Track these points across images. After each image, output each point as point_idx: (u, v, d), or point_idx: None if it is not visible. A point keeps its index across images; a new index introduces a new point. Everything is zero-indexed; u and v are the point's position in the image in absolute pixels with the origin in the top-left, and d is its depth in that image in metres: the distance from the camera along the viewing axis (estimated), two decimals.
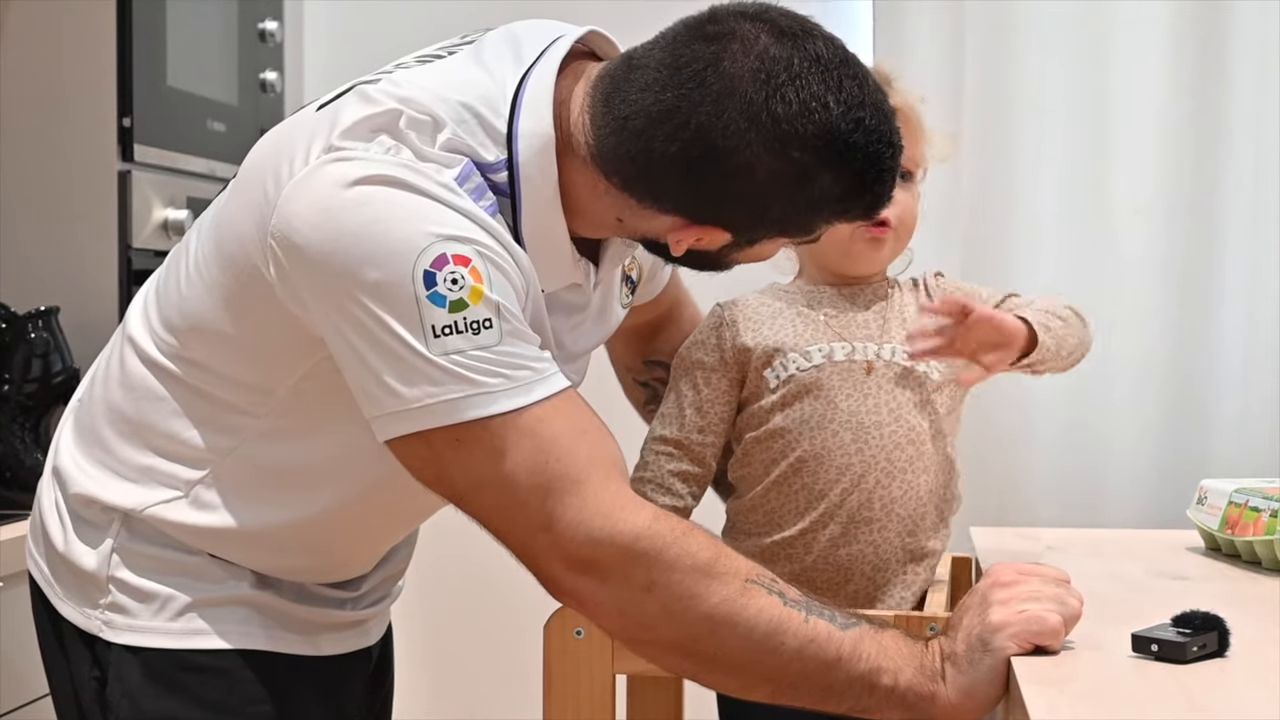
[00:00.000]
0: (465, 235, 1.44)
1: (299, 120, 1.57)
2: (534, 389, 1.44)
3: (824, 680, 1.46)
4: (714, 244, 1.56)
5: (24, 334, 2.47)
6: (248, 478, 1.60)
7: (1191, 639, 1.40)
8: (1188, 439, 3.03)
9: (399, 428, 1.44)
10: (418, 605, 3.34)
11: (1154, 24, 3.03)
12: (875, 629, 1.48)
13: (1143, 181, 3.04)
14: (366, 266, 1.41)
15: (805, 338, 1.85)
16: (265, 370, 1.56)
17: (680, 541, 1.45)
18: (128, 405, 1.63)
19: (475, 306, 1.42)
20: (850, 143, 1.47)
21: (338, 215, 1.43)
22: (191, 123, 2.80)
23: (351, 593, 1.73)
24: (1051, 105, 3.06)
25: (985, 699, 1.45)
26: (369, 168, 1.45)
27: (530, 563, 1.48)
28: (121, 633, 1.62)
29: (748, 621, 1.44)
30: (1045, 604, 1.45)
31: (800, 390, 1.83)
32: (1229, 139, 3.02)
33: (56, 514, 1.67)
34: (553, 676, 1.72)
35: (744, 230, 1.55)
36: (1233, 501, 1.99)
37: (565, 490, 1.44)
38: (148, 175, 2.64)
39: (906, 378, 1.84)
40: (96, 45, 2.58)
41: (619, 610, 1.47)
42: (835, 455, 1.81)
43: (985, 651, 1.44)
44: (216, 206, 1.63)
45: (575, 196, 1.54)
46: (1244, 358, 3.02)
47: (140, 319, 1.66)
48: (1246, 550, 1.96)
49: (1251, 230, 3.01)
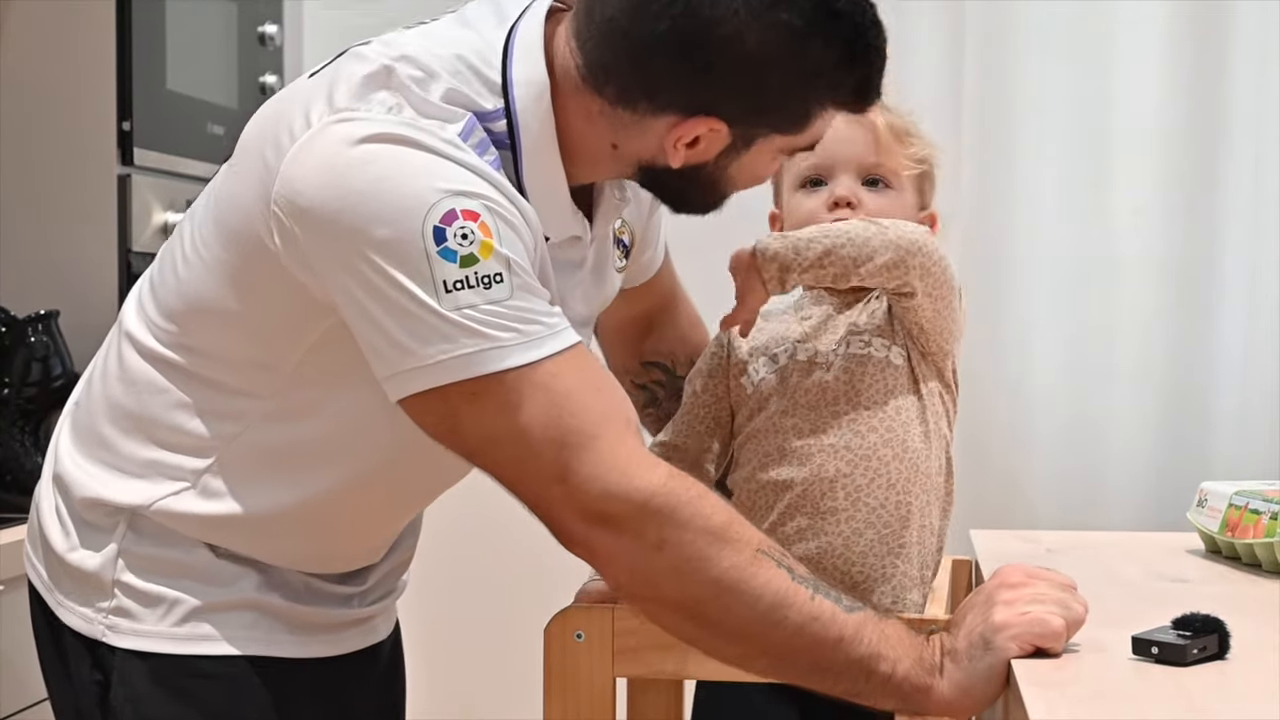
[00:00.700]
0: (473, 190, 1.44)
1: (294, 90, 1.58)
2: (547, 343, 1.45)
3: (822, 659, 1.47)
4: (711, 150, 1.56)
5: (24, 337, 2.48)
6: (255, 462, 1.60)
7: (1192, 641, 1.40)
8: (1188, 441, 3.03)
9: (413, 385, 1.44)
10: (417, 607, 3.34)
11: (1153, 25, 3.03)
12: (878, 617, 1.49)
13: (1142, 182, 3.04)
14: (375, 224, 1.42)
15: (776, 340, 1.85)
16: (270, 345, 1.56)
17: (694, 503, 1.46)
18: (129, 400, 1.63)
19: (486, 261, 1.43)
20: (837, 8, 1.49)
21: (344, 175, 1.43)
22: (191, 126, 2.80)
23: (358, 587, 1.73)
24: (1051, 106, 3.06)
25: (981, 697, 1.45)
26: (372, 126, 1.45)
27: (544, 514, 1.48)
28: (126, 637, 1.61)
29: (754, 591, 1.45)
30: (1049, 607, 1.46)
31: (769, 391, 1.82)
32: (1229, 140, 3.02)
33: (58, 519, 1.66)
34: (553, 679, 1.72)
35: (739, 118, 1.54)
36: (1233, 504, 1.99)
37: (580, 444, 1.44)
38: (147, 179, 2.64)
39: (864, 367, 1.80)
40: (96, 49, 2.58)
41: (629, 565, 1.47)
42: (795, 449, 1.79)
43: (986, 650, 1.45)
44: (213, 187, 1.63)
45: (571, 135, 1.56)
46: (1244, 359, 3.02)
47: (136, 314, 1.66)
48: (1247, 553, 1.96)
49: (1252, 231, 3.01)
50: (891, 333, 1.82)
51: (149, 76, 2.65)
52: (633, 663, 1.71)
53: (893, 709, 1.51)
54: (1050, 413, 3.04)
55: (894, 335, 1.82)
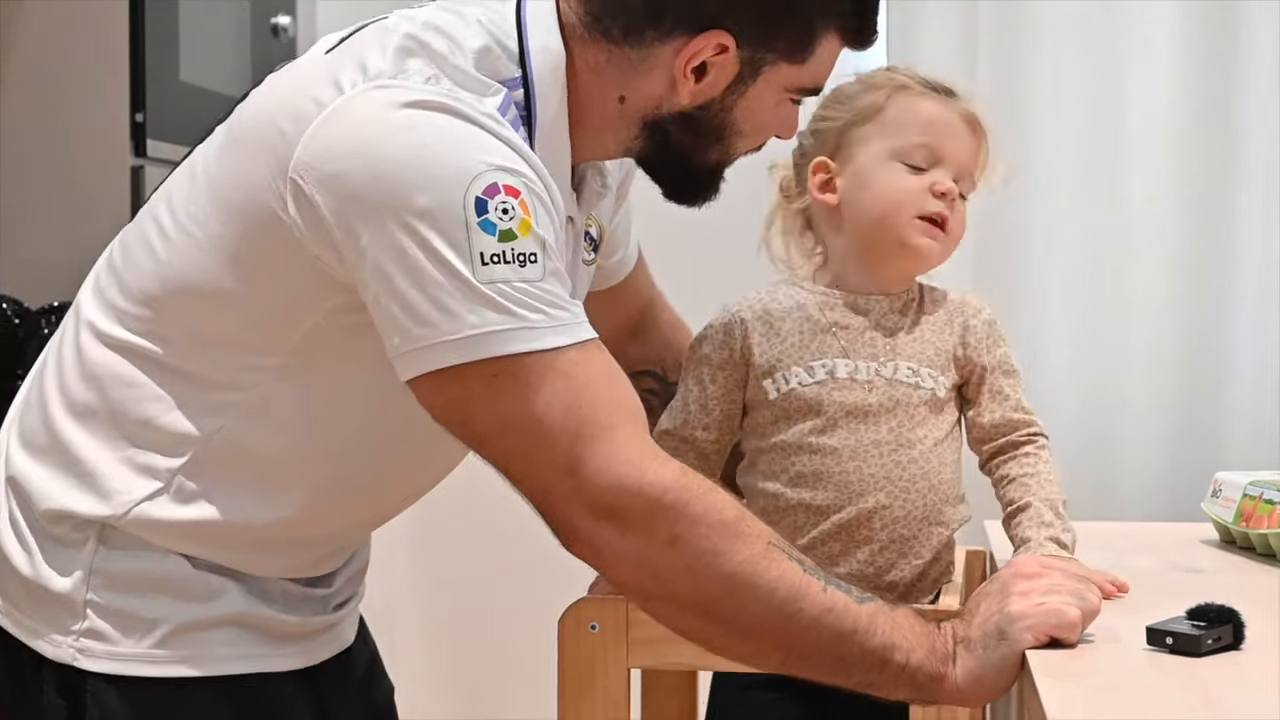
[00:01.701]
0: (515, 168, 1.43)
1: (309, 64, 1.55)
2: (573, 330, 1.43)
3: (837, 651, 1.45)
4: (719, 82, 1.56)
5: (37, 329, 2.48)
6: (234, 460, 1.54)
7: (1206, 632, 1.40)
8: (1201, 431, 3.03)
9: (431, 362, 1.41)
10: (431, 601, 3.35)
11: (1166, 23, 3.03)
12: (889, 606, 1.48)
13: (1155, 179, 3.05)
14: (415, 191, 1.39)
15: (810, 351, 1.81)
16: (264, 329, 1.51)
17: (706, 498, 1.44)
18: (91, 395, 1.55)
19: (524, 239, 1.41)
20: None
21: (383, 140, 1.41)
22: (204, 117, 2.78)
23: (326, 589, 1.68)
24: (1064, 104, 3.06)
25: (993, 686, 1.45)
26: (413, 94, 1.43)
27: (548, 509, 1.45)
28: (100, 661, 1.54)
29: (769, 584, 1.43)
30: (1065, 597, 1.45)
31: (801, 405, 1.79)
32: (1241, 136, 3.03)
33: (14, 532, 1.57)
34: (567, 671, 1.72)
35: (746, 30, 1.54)
36: (1247, 494, 1.98)
37: (595, 436, 1.42)
38: (160, 170, 2.64)
39: (910, 397, 1.79)
40: (109, 40, 2.58)
41: (637, 562, 1.44)
42: (834, 474, 1.78)
43: (1001, 640, 1.44)
44: (199, 165, 1.58)
45: (579, 97, 1.56)
46: (1258, 349, 3.02)
47: (96, 302, 1.59)
48: (1261, 543, 1.95)
49: (1263, 225, 3.02)
50: (942, 364, 1.81)
51: (162, 68, 2.65)
52: (648, 654, 1.70)
53: (906, 699, 1.50)
54: (1063, 404, 3.04)
55: (944, 366, 1.81)
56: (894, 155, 1.81)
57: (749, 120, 1.61)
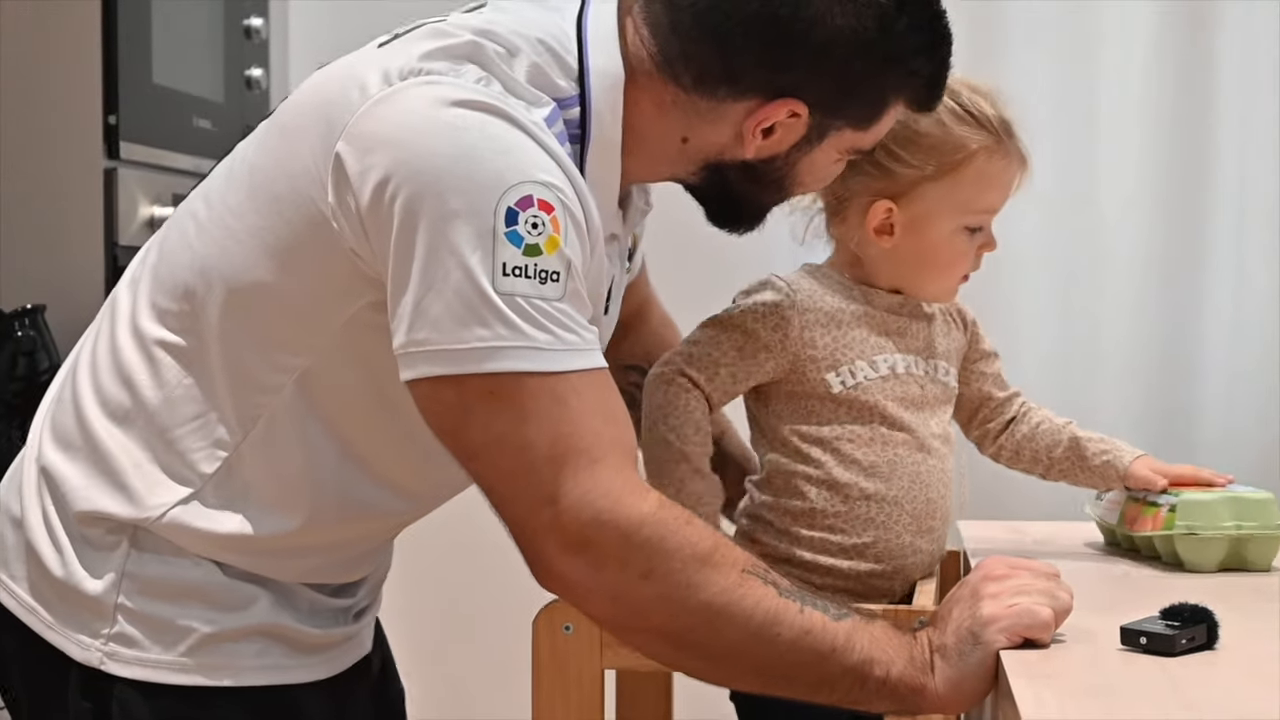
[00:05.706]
0: (553, 182, 1.41)
1: (361, 56, 1.53)
2: (577, 357, 1.42)
3: (818, 672, 1.45)
4: (786, 141, 1.57)
5: (10, 332, 2.47)
6: (270, 462, 1.54)
7: (1180, 632, 1.40)
8: (1173, 433, 3.04)
9: (433, 367, 1.40)
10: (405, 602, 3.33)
11: (1141, 21, 3.04)
12: (866, 620, 1.48)
13: (1130, 179, 3.06)
14: (451, 192, 1.38)
15: (871, 345, 1.83)
16: (299, 324, 1.50)
17: (682, 530, 1.43)
18: (125, 397, 1.55)
19: (549, 256, 1.40)
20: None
21: (430, 135, 1.40)
22: (177, 120, 2.80)
23: (351, 599, 1.69)
24: (1037, 102, 3.06)
25: (973, 692, 1.45)
26: (464, 92, 1.42)
27: (525, 539, 1.43)
28: (129, 666, 1.54)
29: (745, 612, 1.42)
30: (1036, 597, 1.45)
31: (869, 400, 1.81)
32: (1216, 136, 3.04)
33: (48, 531, 1.57)
34: (542, 672, 1.72)
35: (820, 102, 1.55)
36: (1131, 496, 1.97)
37: (579, 466, 1.40)
38: (134, 173, 2.63)
39: (946, 393, 1.89)
40: (82, 42, 2.57)
41: (611, 597, 1.43)
42: (905, 466, 1.82)
43: (975, 645, 1.44)
44: (242, 158, 1.57)
45: (638, 127, 1.55)
46: (1230, 354, 3.04)
47: (133, 299, 1.59)
48: (1146, 545, 1.94)
49: (1238, 227, 3.03)
50: (955, 360, 1.93)
51: (135, 70, 2.64)
52: (622, 655, 1.70)
53: (887, 711, 1.50)
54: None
55: (956, 362, 1.93)
56: (959, 213, 1.83)
57: (809, 174, 1.63)
